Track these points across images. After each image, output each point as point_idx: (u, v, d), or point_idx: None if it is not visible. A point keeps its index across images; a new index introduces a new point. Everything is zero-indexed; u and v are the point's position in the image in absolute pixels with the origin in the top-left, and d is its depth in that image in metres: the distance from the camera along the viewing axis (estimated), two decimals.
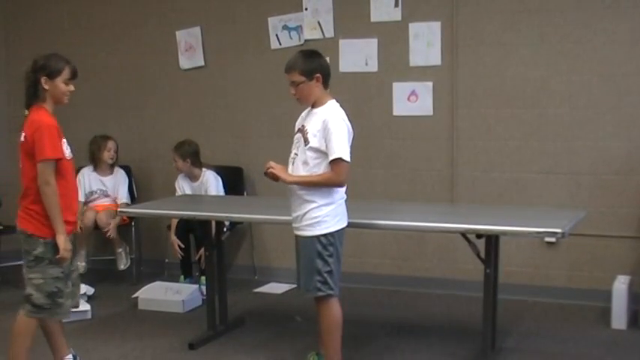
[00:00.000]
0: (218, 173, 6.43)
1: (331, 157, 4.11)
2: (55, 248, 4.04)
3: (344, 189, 4.27)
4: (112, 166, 6.68)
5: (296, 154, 4.27)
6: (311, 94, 4.23)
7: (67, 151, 4.11)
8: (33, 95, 4.07)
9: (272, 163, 4.27)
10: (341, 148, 4.10)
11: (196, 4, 6.74)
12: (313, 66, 4.21)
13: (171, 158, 6.39)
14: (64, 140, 4.13)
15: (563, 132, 5.81)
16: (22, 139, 4.08)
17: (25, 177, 4.10)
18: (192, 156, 6.32)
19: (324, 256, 4.21)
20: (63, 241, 4.03)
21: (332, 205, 4.20)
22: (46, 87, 4.05)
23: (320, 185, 4.17)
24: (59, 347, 4.37)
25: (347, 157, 4.12)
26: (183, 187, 6.38)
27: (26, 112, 4.11)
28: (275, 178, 4.25)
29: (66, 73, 4.07)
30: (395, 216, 4.88)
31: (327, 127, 4.12)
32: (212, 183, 6.31)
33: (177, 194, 6.31)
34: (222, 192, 6.36)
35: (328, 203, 4.19)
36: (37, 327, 4.22)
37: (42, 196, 4.00)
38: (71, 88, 4.11)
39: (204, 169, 6.37)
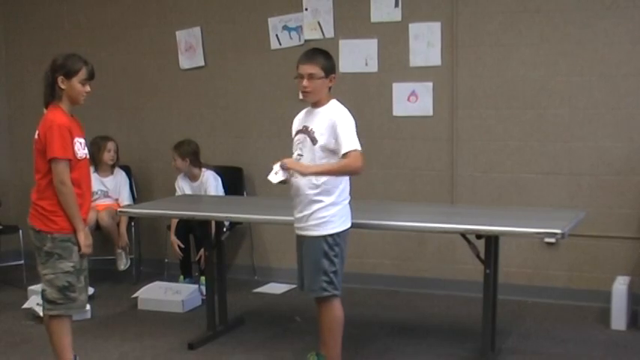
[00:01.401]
0: (218, 173, 6.43)
1: (344, 151, 4.10)
2: (63, 243, 4.11)
3: (349, 189, 4.29)
4: (113, 167, 6.68)
5: (300, 154, 4.26)
6: (320, 91, 4.24)
7: (80, 151, 4.14)
8: (50, 95, 4.12)
9: (286, 160, 4.20)
10: (353, 141, 4.12)
11: (196, 4, 6.73)
12: (332, 66, 4.26)
13: (171, 158, 6.39)
14: (81, 140, 4.17)
15: (563, 132, 5.81)
16: (36, 136, 4.13)
17: (37, 174, 4.16)
18: (191, 155, 6.32)
19: (331, 256, 4.22)
20: (83, 238, 4.14)
21: (338, 205, 4.22)
22: (63, 87, 4.10)
23: (338, 173, 4.16)
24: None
25: (358, 147, 4.13)
26: (182, 187, 6.38)
27: (45, 110, 4.16)
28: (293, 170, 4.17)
29: (82, 74, 4.11)
30: (395, 216, 4.88)
31: (336, 124, 4.14)
32: (211, 183, 6.31)
33: (177, 194, 6.31)
34: (221, 192, 6.36)
35: (335, 203, 4.20)
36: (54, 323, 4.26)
37: (58, 195, 4.06)
38: (87, 89, 4.16)
39: (203, 169, 6.37)
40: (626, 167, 5.68)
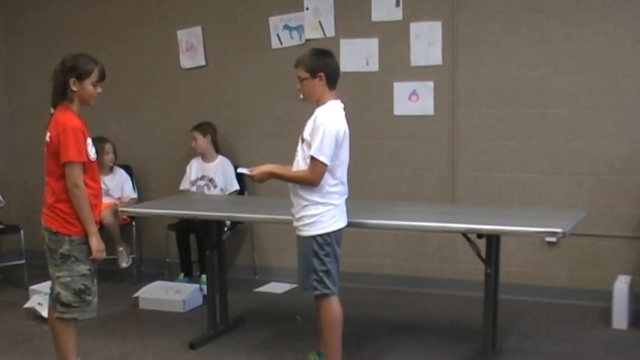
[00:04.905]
0: None
1: (310, 153, 4.13)
2: (81, 246, 4.07)
3: (344, 189, 4.29)
4: (112, 167, 6.68)
5: (297, 151, 4.31)
6: (313, 92, 4.24)
7: (91, 153, 4.10)
8: (61, 96, 4.05)
9: (245, 171, 4.42)
10: (319, 148, 4.11)
11: (197, 3, 6.73)
12: (318, 64, 4.23)
13: (189, 139, 6.44)
14: (89, 141, 4.12)
15: (563, 132, 5.81)
16: (47, 139, 4.06)
17: (50, 176, 4.09)
18: (212, 133, 6.44)
19: (320, 256, 4.23)
20: (95, 242, 4.08)
21: (329, 205, 4.22)
22: (75, 89, 4.03)
23: (294, 181, 4.23)
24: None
25: (322, 159, 4.11)
26: (192, 166, 6.47)
27: (52, 110, 4.09)
28: (257, 178, 4.38)
29: (95, 75, 4.06)
30: (396, 216, 4.88)
31: (316, 126, 4.15)
32: (227, 167, 6.42)
33: (185, 177, 6.44)
34: (235, 182, 6.39)
35: (325, 203, 4.21)
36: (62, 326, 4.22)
37: (72, 198, 4.00)
38: (99, 90, 4.11)
39: (219, 156, 6.45)
40: (627, 167, 5.68)
